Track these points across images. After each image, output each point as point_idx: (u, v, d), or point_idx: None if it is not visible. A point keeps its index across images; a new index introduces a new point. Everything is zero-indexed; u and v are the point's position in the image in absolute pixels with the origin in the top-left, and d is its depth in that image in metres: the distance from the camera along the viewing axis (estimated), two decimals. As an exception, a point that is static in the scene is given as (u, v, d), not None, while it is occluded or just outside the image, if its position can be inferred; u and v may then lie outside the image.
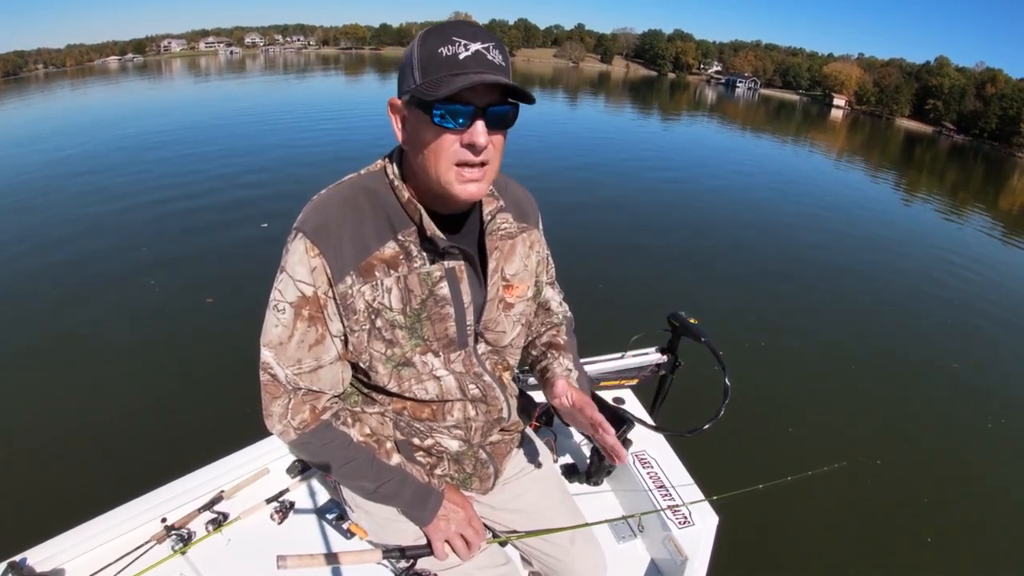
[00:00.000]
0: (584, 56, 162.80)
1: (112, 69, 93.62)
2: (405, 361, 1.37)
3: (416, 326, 1.34)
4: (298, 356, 1.32)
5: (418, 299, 1.32)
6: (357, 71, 71.86)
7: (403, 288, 1.30)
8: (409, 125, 1.21)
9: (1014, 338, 7.99)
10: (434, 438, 1.54)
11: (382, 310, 1.30)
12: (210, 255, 7.96)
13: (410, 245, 1.29)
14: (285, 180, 12.15)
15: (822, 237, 11.73)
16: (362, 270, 1.26)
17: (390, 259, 1.28)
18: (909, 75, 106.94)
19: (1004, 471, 5.00)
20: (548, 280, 1.75)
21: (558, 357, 1.66)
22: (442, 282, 1.33)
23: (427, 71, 1.12)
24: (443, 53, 1.10)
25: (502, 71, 1.14)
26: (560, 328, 1.76)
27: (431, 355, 1.38)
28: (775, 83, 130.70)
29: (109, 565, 1.97)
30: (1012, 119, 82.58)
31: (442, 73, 1.10)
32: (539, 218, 1.61)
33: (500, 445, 1.72)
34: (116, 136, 17.83)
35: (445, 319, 1.36)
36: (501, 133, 1.20)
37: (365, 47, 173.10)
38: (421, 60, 1.12)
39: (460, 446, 1.58)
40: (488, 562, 1.67)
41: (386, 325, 1.31)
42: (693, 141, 27.59)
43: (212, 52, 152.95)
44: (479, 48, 1.11)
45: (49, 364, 5.32)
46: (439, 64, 1.10)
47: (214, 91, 40.14)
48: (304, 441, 1.40)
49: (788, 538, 3.92)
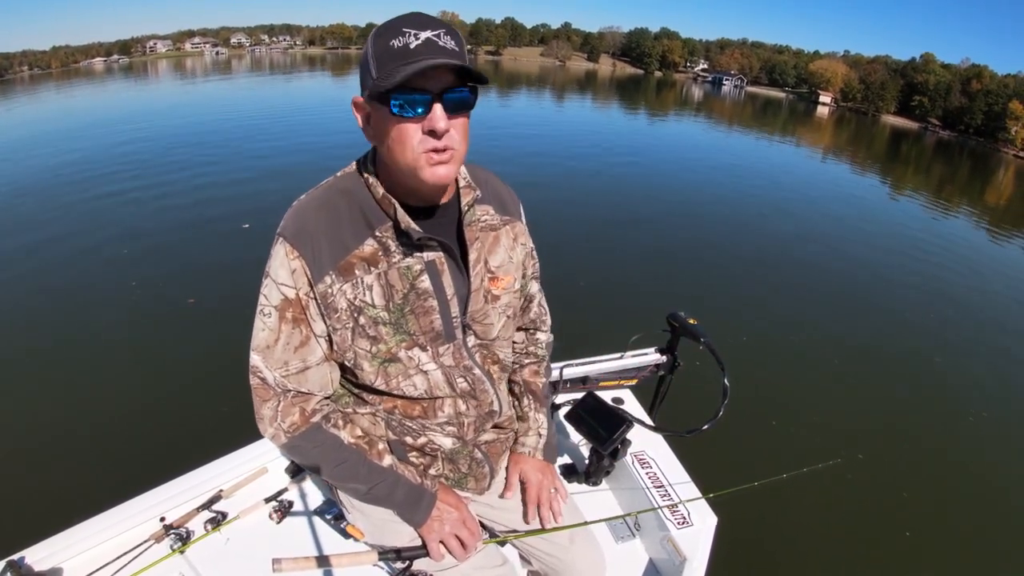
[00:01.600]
0: (571, 55, 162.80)
1: (98, 70, 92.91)
2: (391, 357, 1.38)
3: (401, 321, 1.35)
4: (285, 358, 1.34)
5: (400, 294, 1.33)
6: (343, 71, 71.51)
7: (384, 284, 1.32)
8: (373, 120, 1.24)
9: (1003, 333, 8.07)
10: (427, 436, 1.54)
11: (364, 307, 1.31)
12: (193, 256, 7.98)
13: (388, 240, 1.31)
14: (267, 180, 12.18)
15: (818, 236, 11.87)
16: (341, 269, 1.28)
17: (369, 256, 1.30)
18: (895, 72, 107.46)
19: (996, 462, 5.07)
20: (533, 274, 1.75)
21: (532, 410, 1.81)
22: (423, 275, 1.34)
23: (382, 65, 1.14)
24: (395, 45, 1.12)
25: (455, 55, 1.14)
26: (542, 365, 1.83)
27: (417, 349, 1.39)
28: (761, 80, 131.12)
29: (108, 564, 1.96)
30: (997, 115, 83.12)
31: (396, 64, 1.11)
32: (522, 212, 1.63)
33: (495, 444, 1.72)
34: (97, 137, 17.73)
35: (429, 312, 1.37)
36: (461, 116, 1.21)
37: (351, 47, 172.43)
38: (376, 55, 1.15)
39: (454, 443, 1.57)
40: (486, 562, 1.66)
41: (369, 322, 1.33)
42: (685, 140, 27.87)
43: (198, 53, 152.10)
44: (429, 35, 1.12)
45: (47, 364, 5.31)
46: (392, 55, 1.12)
47: (197, 92, 39.90)
48: (295, 444, 1.41)
49: (787, 538, 3.94)
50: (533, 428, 1.80)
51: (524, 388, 1.80)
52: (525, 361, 1.80)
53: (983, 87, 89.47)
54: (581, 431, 2.41)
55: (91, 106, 31.27)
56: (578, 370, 2.93)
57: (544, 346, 1.84)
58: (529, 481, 1.77)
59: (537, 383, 1.80)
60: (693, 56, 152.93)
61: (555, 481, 1.81)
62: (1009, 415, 5.85)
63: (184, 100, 33.76)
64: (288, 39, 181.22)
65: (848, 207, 15.51)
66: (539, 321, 1.82)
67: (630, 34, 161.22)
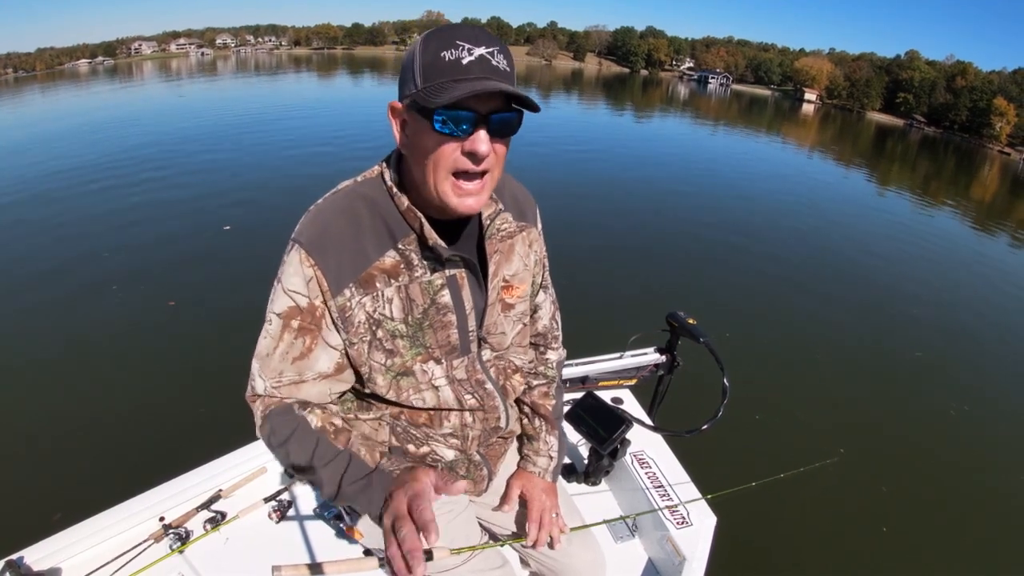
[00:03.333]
0: (557, 54, 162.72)
1: (82, 72, 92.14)
2: (405, 371, 1.34)
3: (418, 335, 1.31)
4: (280, 368, 1.28)
5: (420, 308, 1.29)
6: (329, 71, 71.34)
7: (404, 298, 1.27)
8: (409, 130, 1.17)
9: (994, 328, 8.15)
10: (430, 446, 1.49)
11: (383, 320, 1.27)
12: (175, 258, 7.88)
13: (411, 254, 1.26)
14: (248, 182, 12.08)
15: (813, 234, 11.89)
16: (362, 281, 1.23)
17: (390, 269, 1.25)
18: (880, 69, 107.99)
19: (995, 458, 5.10)
20: (543, 284, 1.68)
21: (543, 432, 1.74)
22: (444, 290, 1.30)
23: (429, 76, 1.07)
24: (446, 57, 1.06)
25: (507, 77, 1.10)
26: (552, 386, 1.75)
27: (432, 363, 1.35)
28: (747, 78, 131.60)
29: (107, 564, 1.97)
30: (982, 111, 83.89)
31: (445, 78, 1.06)
32: (537, 215, 1.58)
33: (494, 447, 1.67)
34: (75, 141, 17.50)
35: (447, 327, 1.33)
36: (503, 141, 1.16)
37: (338, 47, 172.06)
38: (423, 64, 1.08)
39: (456, 455, 1.54)
40: (486, 565, 1.62)
41: (387, 335, 1.28)
42: (683, 139, 27.82)
43: (183, 54, 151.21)
44: (483, 52, 1.07)
45: (48, 365, 5.28)
46: (442, 69, 1.06)
47: (181, 93, 39.51)
48: (268, 429, 1.28)
49: (786, 537, 3.93)
50: (543, 450, 1.74)
51: (533, 411, 1.74)
52: (534, 383, 1.72)
53: (968, 84, 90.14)
54: (580, 431, 2.42)
55: (71, 109, 30.88)
56: (577, 370, 2.94)
57: (554, 366, 1.76)
58: (532, 499, 1.69)
59: (547, 406, 1.73)
60: (679, 54, 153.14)
61: (557, 505, 1.72)
62: (996, 412, 5.90)
63: (166, 102, 33.43)
64: (274, 39, 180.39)
65: (838, 204, 15.64)
66: (549, 337, 1.74)
67: (616, 33, 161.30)
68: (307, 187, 10.36)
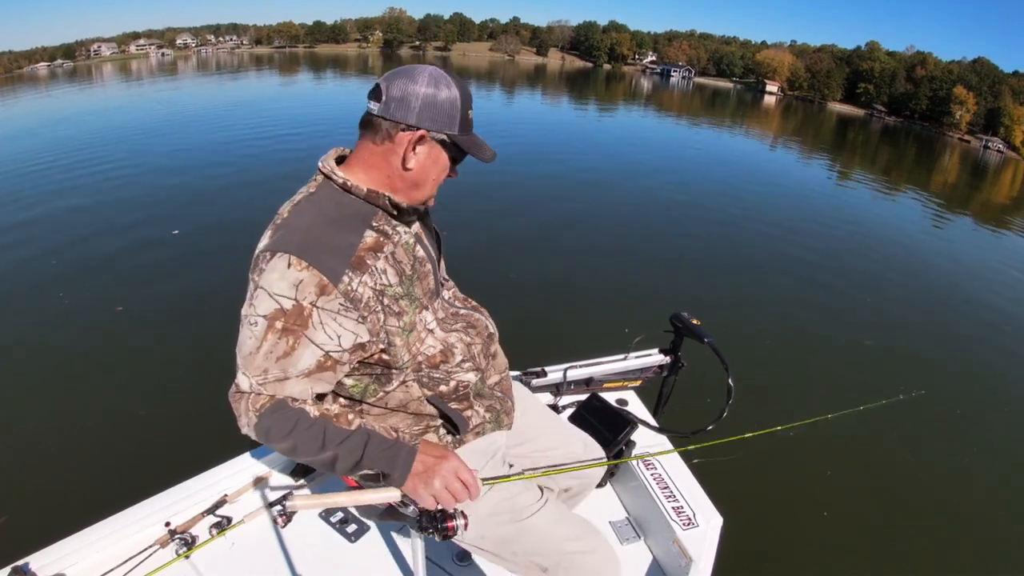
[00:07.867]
0: (520, 49, 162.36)
1: (41, 76, 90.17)
2: (411, 327, 1.51)
3: (412, 290, 1.50)
4: (265, 366, 1.37)
5: (408, 266, 1.50)
6: (291, 70, 70.59)
7: (394, 263, 1.46)
8: (424, 155, 1.46)
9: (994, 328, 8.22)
10: (454, 379, 1.63)
11: (385, 289, 1.43)
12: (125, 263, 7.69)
13: (384, 227, 1.46)
14: (198, 185, 11.82)
15: (810, 234, 11.95)
16: (354, 264, 1.38)
17: (373, 244, 1.43)
18: (840, 60, 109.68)
19: (1002, 453, 5.17)
20: None
21: None
22: (417, 245, 1.54)
23: (463, 128, 1.46)
24: (469, 115, 1.48)
25: None
26: None
27: (424, 312, 1.55)
28: (709, 71, 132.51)
29: (113, 569, 1.97)
30: (942, 100, 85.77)
31: (469, 134, 1.49)
32: None
33: (503, 382, 1.84)
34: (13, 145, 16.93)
35: (427, 275, 1.56)
36: None
37: (299, 45, 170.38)
38: (462, 116, 1.45)
39: (476, 375, 1.68)
40: (531, 498, 1.76)
41: (392, 300, 1.45)
42: (680, 138, 27.84)
43: (143, 55, 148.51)
44: (471, 115, 1.51)
45: (52, 369, 5.26)
46: (467, 124, 1.48)
47: (133, 95, 38.68)
48: (263, 425, 1.39)
49: (793, 538, 3.92)
50: None
51: None
52: None
53: (928, 73, 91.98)
54: (585, 433, 2.41)
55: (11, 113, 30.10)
56: (582, 371, 2.95)
57: None
58: None
59: None
60: (642, 48, 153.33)
61: None
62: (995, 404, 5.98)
63: (116, 103, 32.66)
64: (235, 39, 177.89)
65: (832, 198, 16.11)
66: None
67: (579, 28, 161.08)
68: (257, 190, 10.83)
